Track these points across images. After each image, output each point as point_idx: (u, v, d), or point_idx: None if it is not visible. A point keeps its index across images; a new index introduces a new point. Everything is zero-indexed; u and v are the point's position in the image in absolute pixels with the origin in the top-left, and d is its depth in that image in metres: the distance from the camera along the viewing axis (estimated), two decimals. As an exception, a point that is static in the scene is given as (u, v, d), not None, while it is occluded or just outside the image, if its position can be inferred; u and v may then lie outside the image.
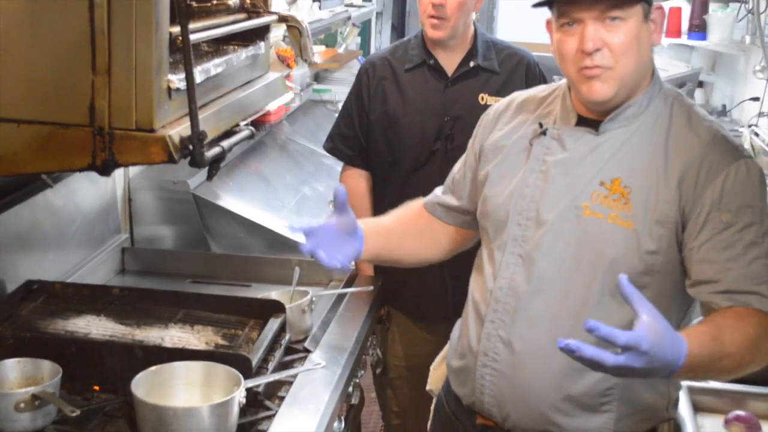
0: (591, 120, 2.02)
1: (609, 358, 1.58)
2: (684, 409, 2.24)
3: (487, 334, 2.07)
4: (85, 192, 3.02)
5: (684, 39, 5.52)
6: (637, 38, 1.91)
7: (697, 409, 2.29)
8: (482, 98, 3.14)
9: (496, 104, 2.28)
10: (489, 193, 2.13)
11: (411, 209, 2.41)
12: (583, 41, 1.90)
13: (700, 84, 6.04)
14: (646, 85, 2.00)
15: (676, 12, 5.56)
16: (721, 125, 2.02)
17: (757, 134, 4.67)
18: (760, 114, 4.72)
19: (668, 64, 5.90)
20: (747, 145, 4.74)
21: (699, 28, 5.33)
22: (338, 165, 3.39)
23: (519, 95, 2.25)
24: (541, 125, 2.08)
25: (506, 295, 2.04)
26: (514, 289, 2.03)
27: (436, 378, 2.42)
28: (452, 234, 2.37)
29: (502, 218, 2.08)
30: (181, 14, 1.91)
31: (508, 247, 2.06)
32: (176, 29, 1.94)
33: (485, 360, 2.07)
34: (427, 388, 2.46)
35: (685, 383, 2.32)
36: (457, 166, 2.34)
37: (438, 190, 2.39)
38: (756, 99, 4.87)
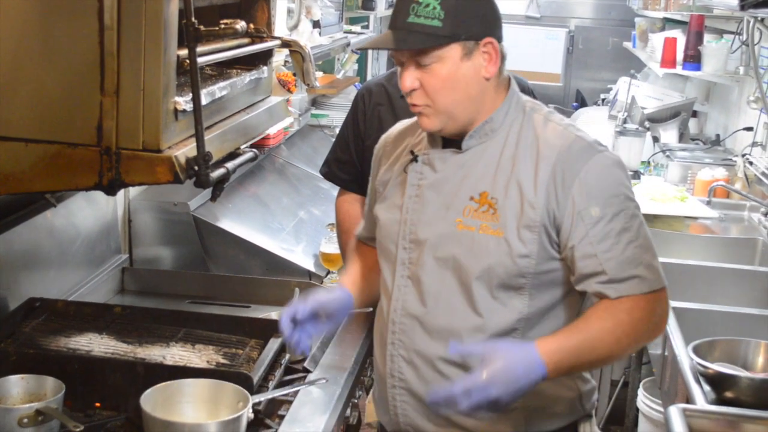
0: (455, 141, 2.11)
1: (463, 404, 1.86)
2: (679, 431, 2.26)
3: (390, 355, 2.15)
4: (85, 212, 3.05)
5: (679, 69, 5.59)
6: (451, 78, 2.00)
7: (693, 431, 2.31)
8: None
9: (381, 139, 2.37)
10: (378, 225, 2.23)
11: (361, 248, 2.47)
12: (402, 82, 2.04)
13: (695, 114, 6.11)
14: (499, 103, 2.09)
15: (672, 42, 5.63)
16: (577, 127, 2.11)
17: (751, 163, 4.71)
18: (754, 144, 4.77)
19: (663, 94, 5.96)
20: (740, 174, 4.79)
21: (694, 59, 5.39)
22: (335, 189, 3.42)
23: (397, 127, 2.35)
24: (412, 153, 2.17)
25: (401, 316, 2.13)
26: (407, 309, 2.12)
27: (370, 411, 2.52)
28: None
29: (390, 246, 2.18)
30: (189, 38, 1.95)
31: (397, 271, 2.15)
32: (183, 52, 1.99)
33: (392, 381, 2.15)
34: (365, 421, 2.51)
35: (680, 406, 2.35)
36: (366, 201, 2.42)
37: (360, 227, 2.49)
38: (749, 129, 4.92)
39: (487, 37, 2.01)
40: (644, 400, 3.89)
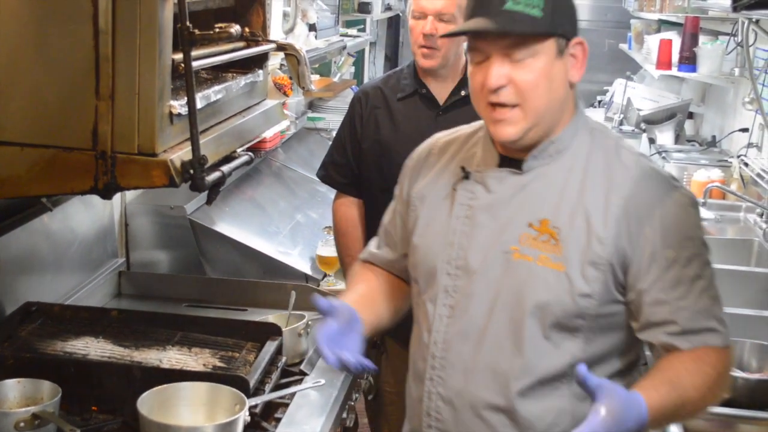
0: (514, 159, 1.93)
1: None
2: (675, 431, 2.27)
3: (428, 392, 1.97)
4: (82, 216, 3.05)
5: (674, 71, 5.59)
6: (546, 75, 1.83)
7: (688, 432, 2.32)
8: (473, 126, 3.18)
9: (419, 149, 2.18)
10: (416, 243, 2.04)
11: (367, 272, 2.23)
12: (487, 77, 1.83)
13: (690, 115, 6.11)
14: (567, 120, 1.91)
15: (667, 44, 5.63)
16: (648, 157, 1.96)
17: (746, 164, 4.72)
18: (749, 145, 4.78)
19: (658, 96, 5.97)
20: (736, 175, 4.80)
21: (689, 60, 5.39)
22: (331, 192, 3.43)
23: (441, 137, 2.15)
24: (463, 169, 1.98)
25: (441, 350, 1.94)
26: (448, 342, 1.93)
27: None
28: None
29: (431, 269, 1.98)
30: (184, 41, 1.95)
31: (439, 299, 1.96)
32: (178, 56, 1.99)
33: (428, 421, 1.97)
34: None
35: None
36: (387, 217, 2.22)
37: (372, 246, 2.26)
38: (745, 130, 4.93)
39: (577, 37, 1.86)
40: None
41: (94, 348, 2.47)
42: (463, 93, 3.23)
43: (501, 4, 1.80)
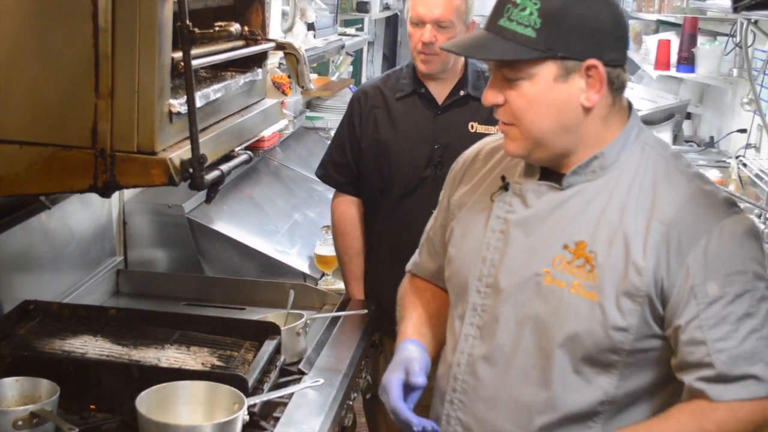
0: (556, 173, 1.82)
1: None
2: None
3: (447, 416, 1.89)
4: (80, 215, 3.05)
5: (672, 71, 5.59)
6: (541, 101, 1.71)
7: None
8: (472, 126, 3.19)
9: (466, 153, 2.09)
10: (451, 254, 1.95)
11: (415, 294, 2.15)
12: (484, 93, 1.79)
13: (688, 116, 6.11)
14: (615, 134, 1.79)
15: (665, 44, 5.63)
16: (707, 178, 1.81)
17: (744, 164, 4.72)
18: (748, 146, 4.77)
19: (657, 96, 5.96)
20: (734, 176, 4.80)
21: (687, 61, 5.39)
22: (329, 191, 3.43)
23: (489, 142, 2.05)
24: (503, 179, 1.88)
25: (464, 372, 1.86)
26: (472, 365, 1.84)
27: None
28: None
29: (462, 284, 1.89)
30: (183, 40, 1.95)
31: (467, 317, 1.87)
32: (178, 54, 1.99)
33: None
34: None
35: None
36: (430, 224, 2.16)
37: (416, 255, 2.19)
38: (743, 131, 4.93)
39: (592, 59, 1.69)
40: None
41: (92, 346, 2.46)
42: (461, 93, 3.23)
43: (498, 18, 1.72)
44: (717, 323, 1.65)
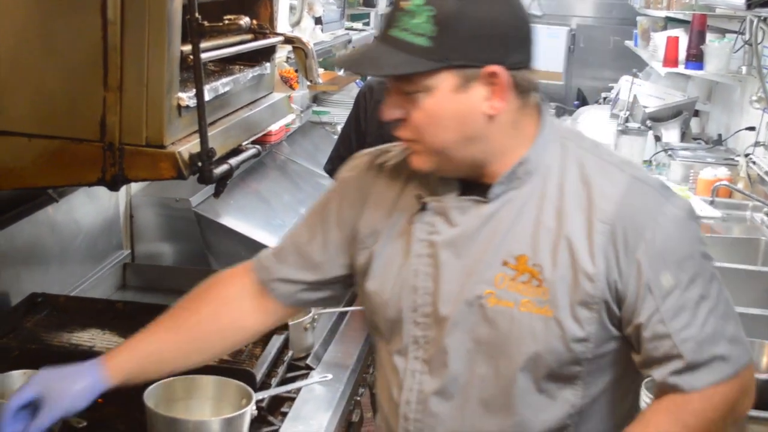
0: (479, 184, 1.66)
1: None
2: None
3: None
4: (87, 208, 3.05)
5: (681, 68, 5.58)
6: (441, 114, 1.57)
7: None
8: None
9: (358, 164, 1.86)
10: (372, 288, 1.74)
11: (220, 298, 1.93)
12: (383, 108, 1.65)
13: (696, 113, 6.10)
14: (532, 135, 1.65)
15: (674, 41, 5.62)
16: (632, 163, 1.70)
17: (754, 162, 4.71)
18: (756, 143, 4.76)
19: (665, 93, 5.95)
20: (743, 174, 4.78)
21: (696, 58, 5.39)
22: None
23: (387, 156, 1.82)
24: (419, 198, 1.70)
25: (416, 411, 1.69)
26: (424, 403, 1.68)
27: None
28: (280, 312, 1.93)
29: (393, 318, 1.71)
30: (193, 33, 1.94)
31: (410, 352, 1.70)
32: (187, 48, 1.98)
33: None
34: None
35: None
36: (304, 234, 1.87)
37: (271, 262, 1.89)
38: (752, 128, 4.91)
39: (492, 65, 1.55)
40: (646, 400, 3.87)
41: (99, 340, 2.46)
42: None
43: (390, 27, 1.57)
44: (677, 313, 1.58)
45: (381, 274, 1.73)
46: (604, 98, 6.99)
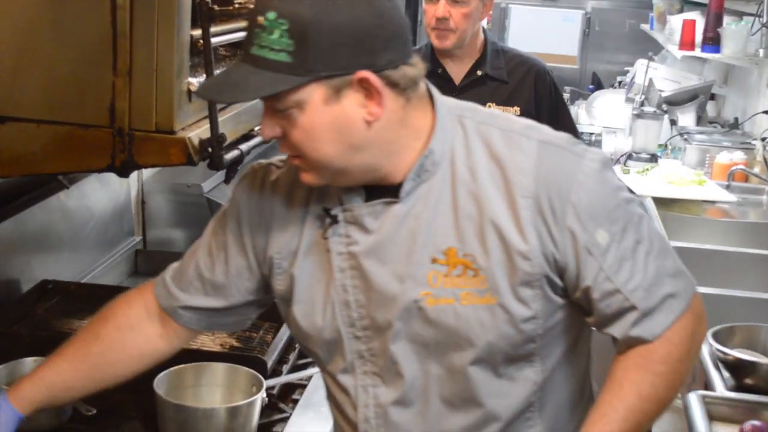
0: (384, 186, 1.59)
1: None
2: (699, 418, 2.24)
3: None
4: (98, 194, 3.04)
5: (697, 51, 5.53)
6: (318, 127, 1.50)
7: (712, 418, 2.29)
8: (489, 107, 3.15)
9: (248, 183, 1.78)
10: (301, 314, 1.67)
11: (119, 323, 1.86)
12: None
13: (713, 97, 6.05)
14: (430, 123, 1.58)
15: (690, 24, 5.57)
16: (532, 124, 1.64)
17: (770, 146, 4.67)
18: (773, 127, 4.72)
19: (680, 77, 5.91)
20: (759, 158, 4.74)
21: (712, 41, 5.33)
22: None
23: (279, 172, 1.74)
24: (327, 212, 1.63)
25: (377, 426, 1.64)
26: (384, 416, 1.63)
27: None
28: (188, 335, 1.87)
29: (331, 338, 1.65)
30: (203, 17, 1.92)
31: (356, 368, 1.64)
32: (197, 32, 1.96)
33: None
34: None
35: (699, 392, 2.32)
36: (205, 259, 1.78)
37: (173, 289, 1.80)
38: (769, 112, 4.87)
39: (361, 71, 1.47)
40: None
41: (110, 327, 2.45)
42: (479, 73, 3.20)
43: (249, 45, 1.49)
44: (619, 266, 1.56)
45: (307, 297, 1.66)
46: (620, 82, 6.95)
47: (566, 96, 6.96)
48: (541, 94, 3.33)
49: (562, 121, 3.43)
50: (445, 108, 1.61)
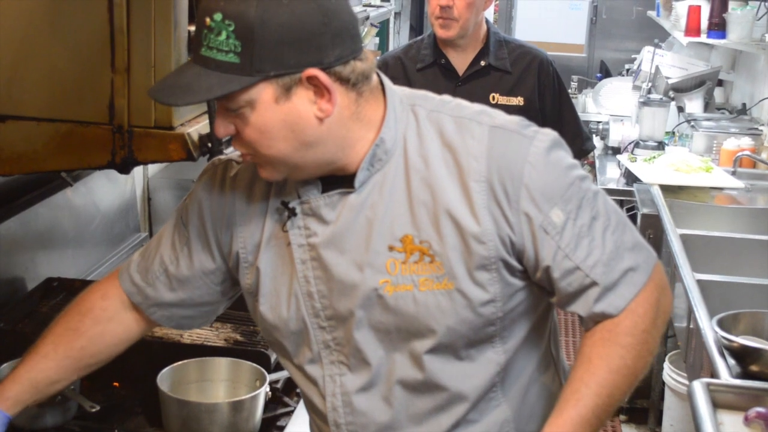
0: (339, 177, 1.61)
1: None
2: (703, 405, 2.23)
3: None
4: (104, 191, 3.05)
5: (703, 37, 5.51)
6: (270, 125, 1.52)
7: (717, 405, 2.28)
8: (493, 98, 3.15)
9: (208, 181, 1.79)
10: (266, 308, 1.69)
11: (93, 312, 1.88)
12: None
13: (720, 83, 6.03)
14: (381, 113, 1.60)
15: (696, 10, 5.54)
16: (482, 109, 1.64)
17: (777, 132, 4.65)
18: (780, 112, 4.70)
19: (687, 63, 5.88)
20: (767, 144, 4.72)
21: (718, 27, 5.31)
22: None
23: (237, 168, 1.75)
24: (285, 205, 1.64)
25: (345, 414, 1.67)
26: (349, 404, 1.66)
27: None
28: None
29: (297, 329, 1.67)
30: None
31: (323, 358, 1.67)
32: (194, 28, 1.96)
33: None
34: None
35: (704, 380, 2.32)
36: (168, 253, 1.80)
37: (141, 283, 1.83)
38: (776, 97, 4.85)
39: (308, 69, 1.48)
40: (670, 374, 3.86)
41: (115, 323, 2.45)
42: (482, 63, 3.19)
43: (199, 46, 1.50)
44: (577, 243, 1.58)
45: (272, 290, 1.68)
46: (627, 70, 6.92)
47: (574, 85, 6.95)
48: (544, 85, 3.33)
49: (565, 111, 3.43)
50: (396, 97, 1.62)
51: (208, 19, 1.47)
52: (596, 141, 5.12)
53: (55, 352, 1.83)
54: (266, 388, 2.09)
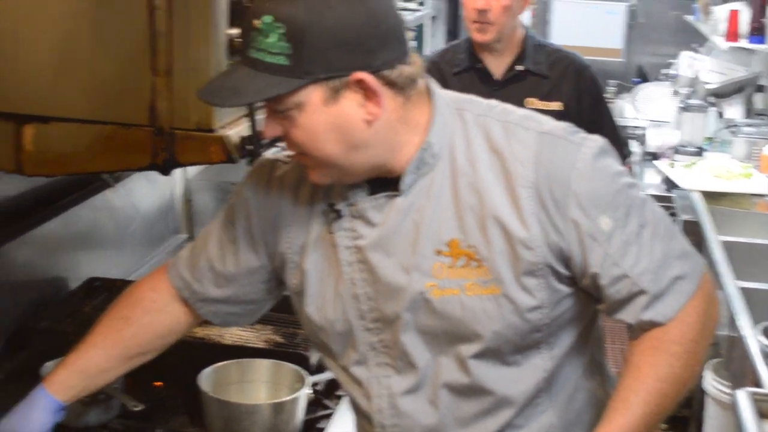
0: (387, 180, 1.61)
1: None
2: (748, 415, 2.21)
3: None
4: (144, 192, 3.08)
5: (743, 42, 5.46)
6: (318, 127, 1.52)
7: (762, 415, 2.26)
8: (530, 102, 3.14)
9: (254, 180, 1.81)
10: (313, 310, 1.70)
11: (147, 306, 1.91)
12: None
13: (760, 88, 5.97)
14: (427, 117, 1.60)
15: (735, 15, 5.50)
16: (531, 116, 1.65)
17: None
18: (822, 118, 4.65)
19: (726, 68, 5.83)
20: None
21: (758, 31, 5.26)
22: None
23: (285, 168, 1.77)
24: (332, 207, 1.65)
25: (390, 416, 1.67)
26: (396, 406, 1.66)
27: None
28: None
29: (343, 330, 1.68)
30: (239, 16, 1.93)
31: (369, 359, 1.67)
32: (234, 31, 1.97)
33: None
34: None
35: (748, 390, 2.30)
36: (215, 251, 1.83)
37: (190, 278, 1.85)
38: (817, 102, 4.80)
39: (357, 72, 1.49)
40: (712, 383, 3.82)
41: (155, 324, 2.47)
42: (520, 67, 3.18)
43: (248, 48, 1.52)
44: (625, 250, 1.57)
45: (318, 291, 1.69)
46: (664, 75, 6.88)
47: (611, 89, 6.91)
48: (581, 90, 3.31)
49: (602, 116, 3.41)
50: (443, 101, 1.62)
51: (257, 21, 1.49)
52: (634, 146, 5.09)
53: (104, 341, 1.86)
54: (307, 390, 2.10)
